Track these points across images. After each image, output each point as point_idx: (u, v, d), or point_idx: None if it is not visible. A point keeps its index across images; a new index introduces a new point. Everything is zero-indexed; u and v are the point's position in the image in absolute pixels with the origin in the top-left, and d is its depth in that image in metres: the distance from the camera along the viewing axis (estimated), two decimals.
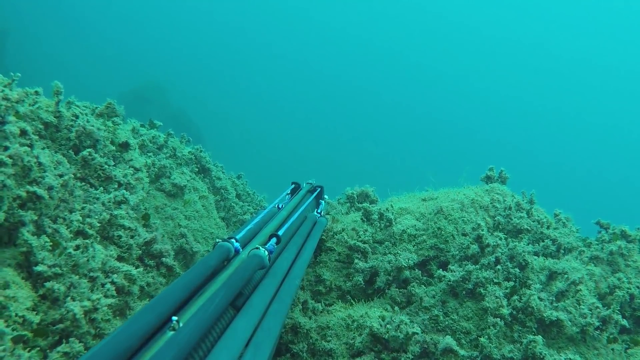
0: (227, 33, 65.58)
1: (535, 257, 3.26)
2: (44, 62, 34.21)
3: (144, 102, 30.02)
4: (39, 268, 1.88)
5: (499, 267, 2.97)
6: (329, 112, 64.49)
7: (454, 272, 3.00)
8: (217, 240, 2.16)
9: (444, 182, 4.21)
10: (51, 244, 1.98)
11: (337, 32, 71.01)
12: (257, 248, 2.12)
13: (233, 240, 2.18)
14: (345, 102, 66.07)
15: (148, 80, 33.34)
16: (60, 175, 2.31)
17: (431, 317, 2.88)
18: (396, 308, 2.97)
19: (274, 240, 2.38)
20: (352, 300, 3.13)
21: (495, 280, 2.92)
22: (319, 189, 3.94)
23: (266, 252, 2.12)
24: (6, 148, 1.93)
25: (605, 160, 58.58)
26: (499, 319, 2.74)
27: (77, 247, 2.05)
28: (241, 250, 2.21)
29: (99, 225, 2.33)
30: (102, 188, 2.70)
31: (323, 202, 3.91)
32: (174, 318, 1.46)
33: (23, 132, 2.15)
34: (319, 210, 3.64)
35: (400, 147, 59.82)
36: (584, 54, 65.55)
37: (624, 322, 2.81)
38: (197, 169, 5.13)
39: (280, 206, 3.21)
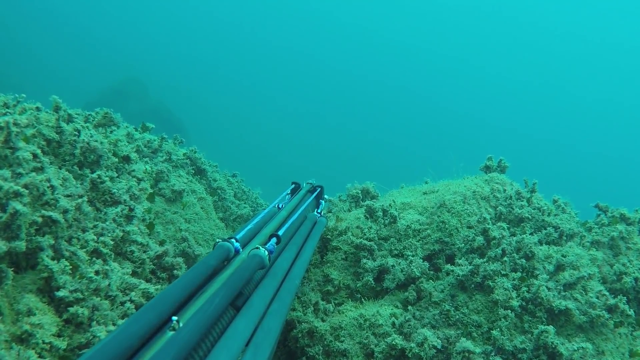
0: (207, 23, 64.56)
1: (539, 245, 3.30)
2: (23, 58, 33.60)
3: (125, 97, 29.71)
4: (61, 294, 1.87)
5: (505, 258, 3.01)
6: (314, 99, 63.78)
7: (462, 266, 3.04)
8: (217, 240, 2.14)
9: (441, 169, 4.25)
10: (70, 267, 1.97)
11: (326, 15, 69.98)
12: (257, 248, 2.11)
13: (233, 240, 2.17)
14: (331, 88, 65.45)
15: (127, 75, 32.95)
16: (70, 195, 2.29)
17: (442, 312, 2.92)
18: (410, 307, 3.00)
19: (274, 240, 2.38)
20: (362, 299, 3.16)
21: (502, 272, 2.96)
22: (319, 189, 3.95)
23: (266, 252, 2.11)
24: (20, 175, 1.91)
25: (602, 137, 58.95)
26: (509, 311, 2.79)
27: (97, 272, 2.05)
28: (241, 250, 2.20)
29: (112, 243, 2.32)
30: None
31: (323, 202, 3.91)
32: (174, 318, 1.46)
33: (34, 156, 2.13)
34: (319, 210, 3.65)
35: (396, 136, 59.28)
36: (581, 30, 65.45)
37: (631, 312, 2.87)
38: (193, 171, 5.11)
39: (280, 206, 3.21)
